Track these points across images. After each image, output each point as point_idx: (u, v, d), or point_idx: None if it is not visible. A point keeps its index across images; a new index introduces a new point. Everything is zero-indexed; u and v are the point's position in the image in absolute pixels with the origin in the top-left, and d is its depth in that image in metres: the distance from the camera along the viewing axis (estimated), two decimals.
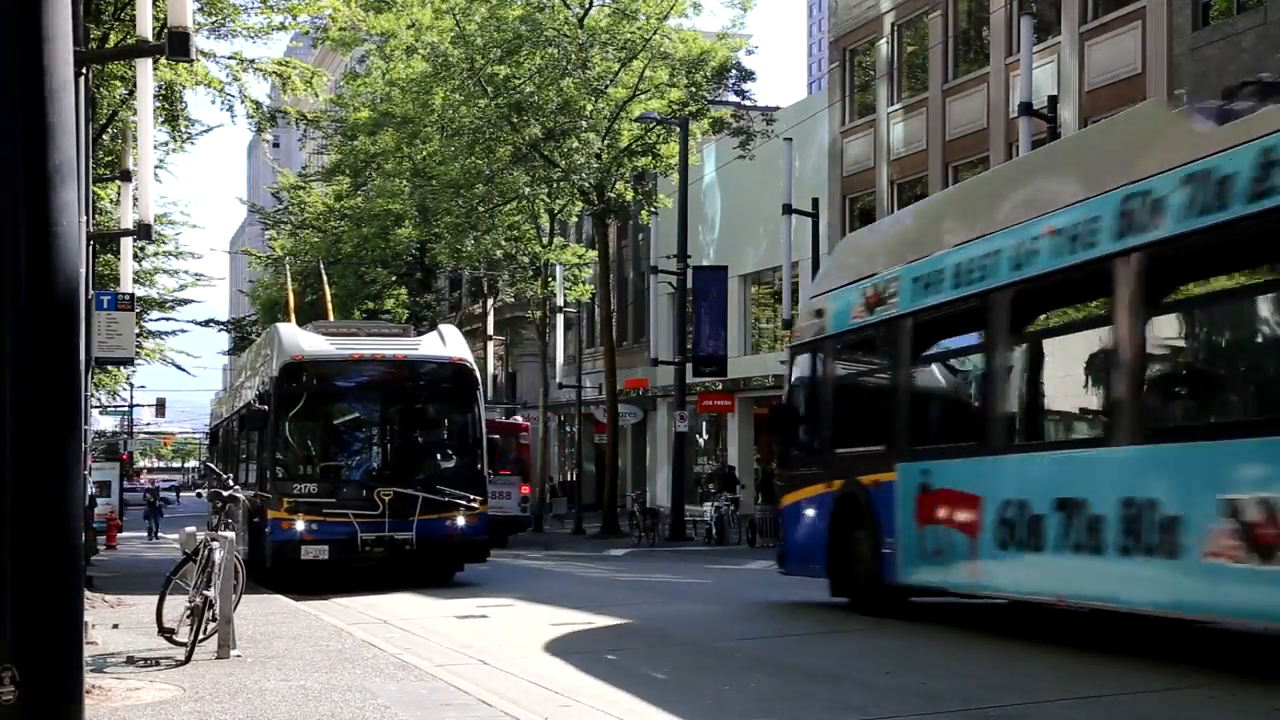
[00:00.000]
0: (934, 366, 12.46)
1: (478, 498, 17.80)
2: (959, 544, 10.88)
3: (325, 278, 35.63)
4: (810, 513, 13.71)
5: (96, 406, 48.94)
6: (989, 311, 10.81)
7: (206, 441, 32.03)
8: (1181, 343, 9.19)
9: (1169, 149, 9.06)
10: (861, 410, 13.48)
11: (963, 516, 10.85)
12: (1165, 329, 9.17)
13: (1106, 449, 9.28)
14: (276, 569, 17.27)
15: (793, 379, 14.80)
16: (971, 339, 11.48)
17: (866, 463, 12.51)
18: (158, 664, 9.65)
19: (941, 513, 11.18)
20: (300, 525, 16.97)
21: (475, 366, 18.51)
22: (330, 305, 32.12)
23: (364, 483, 17.56)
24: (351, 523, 16.97)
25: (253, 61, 23.11)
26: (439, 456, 18.90)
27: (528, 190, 37.16)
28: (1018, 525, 10.09)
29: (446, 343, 18.62)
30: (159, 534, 40.54)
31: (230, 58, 22.95)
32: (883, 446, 12.31)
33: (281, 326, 19.24)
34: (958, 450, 11.20)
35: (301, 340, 18.21)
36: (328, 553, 16.94)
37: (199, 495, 44.26)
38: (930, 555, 11.33)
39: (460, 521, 17.57)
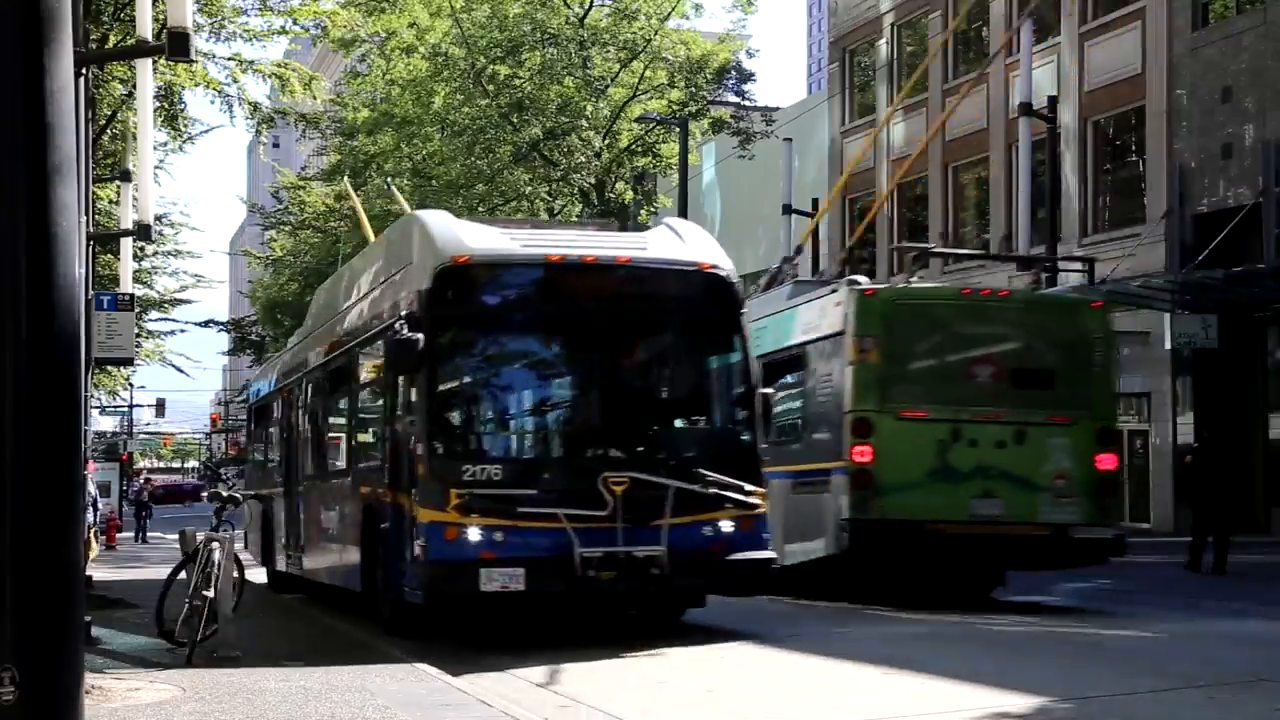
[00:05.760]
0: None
1: (756, 488, 11.14)
2: None
3: (398, 192, 27.18)
4: None
5: (96, 407, 48.90)
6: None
7: (248, 422, 24.09)
8: None
9: None
10: None
11: None
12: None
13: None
14: (431, 610, 11.02)
15: None
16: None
17: None
18: (158, 664, 9.65)
19: None
20: (477, 534, 10.45)
21: (736, 278, 11.84)
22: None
23: (580, 463, 11.09)
24: (564, 529, 10.42)
25: (252, 63, 23.15)
26: (691, 421, 12.44)
27: (528, 190, 37.14)
28: None
29: (686, 241, 12.09)
30: (146, 536, 40.45)
31: (230, 59, 22.99)
32: None
33: (426, 214, 12.62)
34: None
35: (464, 234, 11.63)
36: (524, 580, 10.40)
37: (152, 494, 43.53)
38: None
39: (728, 527, 10.96)
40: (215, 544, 10.27)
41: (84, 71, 10.68)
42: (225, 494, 12.12)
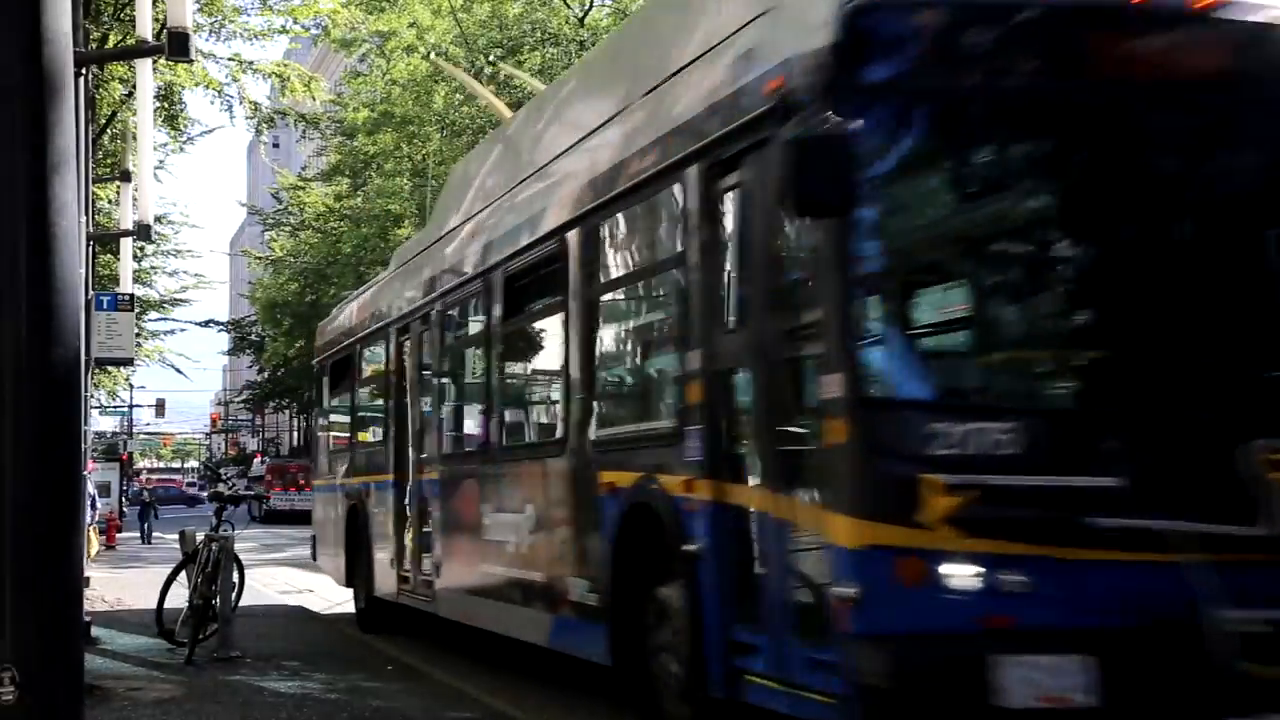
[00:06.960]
0: None
1: None
2: None
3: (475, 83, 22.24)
4: None
5: (96, 407, 48.86)
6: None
7: (318, 385, 16.05)
8: None
9: None
10: None
11: None
12: None
13: None
14: None
15: None
16: None
17: None
18: (158, 664, 9.65)
19: None
20: (979, 577, 4.57)
21: None
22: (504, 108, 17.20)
23: (1189, 424, 4.92)
24: (1176, 568, 4.60)
25: (252, 63, 23.19)
26: None
27: None
28: None
29: None
30: (152, 537, 40.32)
31: (230, 59, 23.03)
32: None
33: None
34: None
35: None
36: (1095, 682, 4.55)
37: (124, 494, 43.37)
38: None
39: None
40: (215, 544, 10.28)
41: (84, 71, 10.70)
42: (226, 493, 12.10)
